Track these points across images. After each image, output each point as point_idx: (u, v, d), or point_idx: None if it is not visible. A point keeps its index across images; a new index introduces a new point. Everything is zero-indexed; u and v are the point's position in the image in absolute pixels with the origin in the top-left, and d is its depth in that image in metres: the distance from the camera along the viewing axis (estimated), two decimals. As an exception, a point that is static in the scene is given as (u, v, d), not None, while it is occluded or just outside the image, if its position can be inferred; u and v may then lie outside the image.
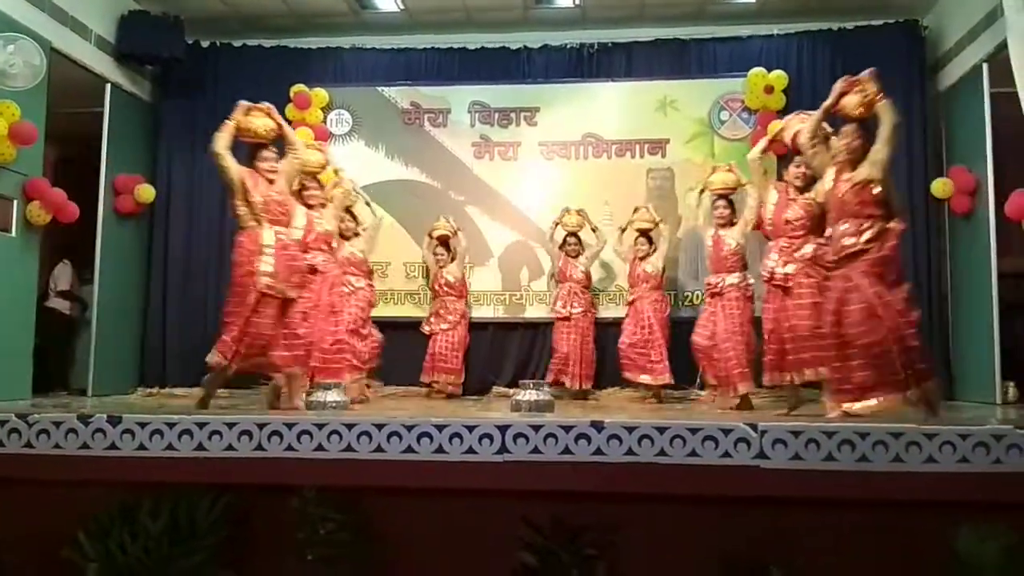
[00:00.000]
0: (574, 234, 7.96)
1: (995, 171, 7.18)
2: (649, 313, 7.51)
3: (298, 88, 8.63)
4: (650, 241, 7.71)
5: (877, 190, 4.99)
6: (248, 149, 5.59)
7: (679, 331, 7.80)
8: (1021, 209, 6.48)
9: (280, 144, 5.68)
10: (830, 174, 5.15)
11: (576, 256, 7.95)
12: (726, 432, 3.84)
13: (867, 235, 4.91)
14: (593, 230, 8.02)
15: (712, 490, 3.82)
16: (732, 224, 6.62)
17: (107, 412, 4.20)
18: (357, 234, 7.15)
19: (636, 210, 7.83)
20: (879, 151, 5.00)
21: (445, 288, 8.01)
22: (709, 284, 6.63)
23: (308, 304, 5.66)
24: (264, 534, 4.00)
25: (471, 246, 8.39)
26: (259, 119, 5.60)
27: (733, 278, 6.50)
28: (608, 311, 8.29)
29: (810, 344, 5.44)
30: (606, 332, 8.20)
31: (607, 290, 8.43)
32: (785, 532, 3.73)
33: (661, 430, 3.86)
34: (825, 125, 5.36)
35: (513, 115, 8.71)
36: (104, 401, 6.98)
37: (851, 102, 5.16)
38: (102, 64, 7.94)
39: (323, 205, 6.39)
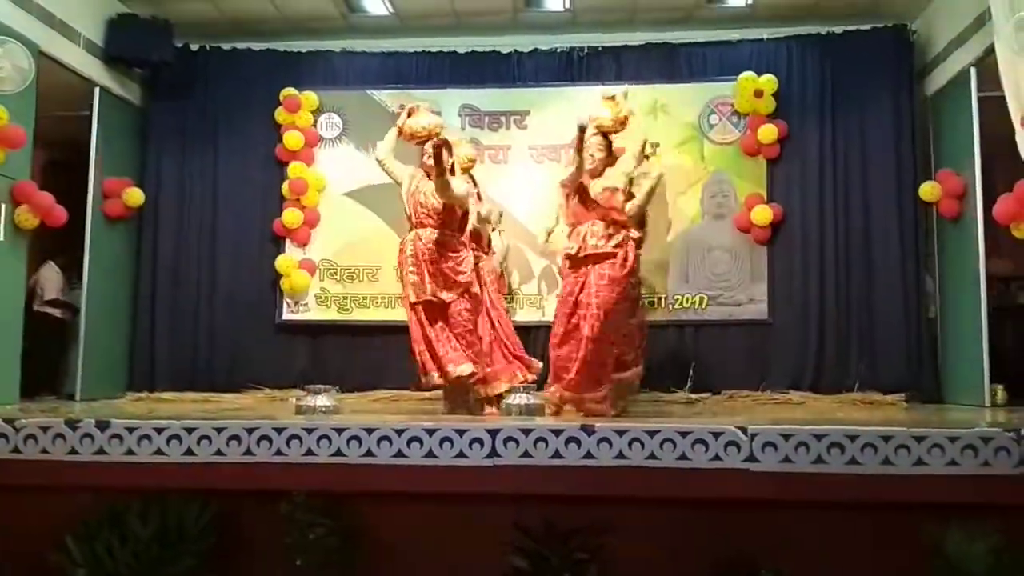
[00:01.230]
0: None
1: (983, 175, 7.22)
2: None
3: (288, 92, 8.61)
4: None
5: (621, 198, 5.48)
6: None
7: (668, 336, 7.86)
8: (1009, 212, 6.51)
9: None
10: (585, 178, 5.64)
11: None
12: (716, 435, 3.84)
13: (614, 240, 5.44)
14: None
15: (702, 493, 3.82)
16: None
17: (95, 417, 4.18)
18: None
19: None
20: (627, 161, 5.51)
21: None
22: None
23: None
24: (253, 539, 3.98)
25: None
26: (421, 118, 5.91)
27: None
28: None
29: None
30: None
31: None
32: (775, 535, 3.74)
33: (651, 433, 3.86)
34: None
35: (503, 119, 8.71)
36: (92, 406, 6.96)
37: (606, 119, 5.61)
38: (91, 67, 7.91)
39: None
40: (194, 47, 8.87)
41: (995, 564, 3.41)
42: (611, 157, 5.59)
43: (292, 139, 8.56)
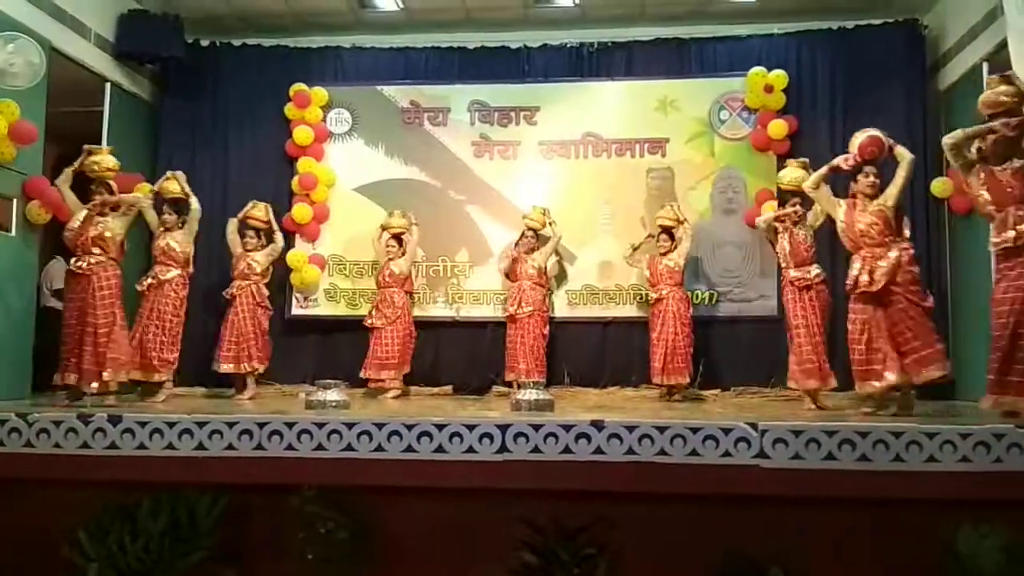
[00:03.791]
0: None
1: (995, 170, 7.17)
2: (673, 311, 7.51)
3: (298, 87, 8.62)
4: (671, 238, 7.73)
5: None
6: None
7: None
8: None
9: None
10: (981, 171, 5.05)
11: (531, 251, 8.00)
12: (726, 431, 3.84)
13: None
14: (550, 224, 8.04)
15: (712, 489, 3.82)
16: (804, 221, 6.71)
17: (107, 411, 4.20)
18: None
19: (663, 207, 7.89)
20: None
21: (387, 279, 7.94)
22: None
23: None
24: (264, 533, 4.00)
25: (471, 245, 8.47)
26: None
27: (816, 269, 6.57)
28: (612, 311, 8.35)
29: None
30: (605, 330, 8.30)
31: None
32: (785, 531, 3.73)
33: (661, 429, 3.86)
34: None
35: (513, 114, 8.70)
36: (104, 400, 6.97)
37: (997, 97, 5.04)
38: (101, 63, 7.92)
39: (113, 209, 6.37)
40: (204, 43, 8.88)
41: (1006, 561, 3.40)
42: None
43: (302, 134, 8.57)
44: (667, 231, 7.76)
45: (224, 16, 8.72)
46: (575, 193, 8.42)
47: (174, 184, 7.22)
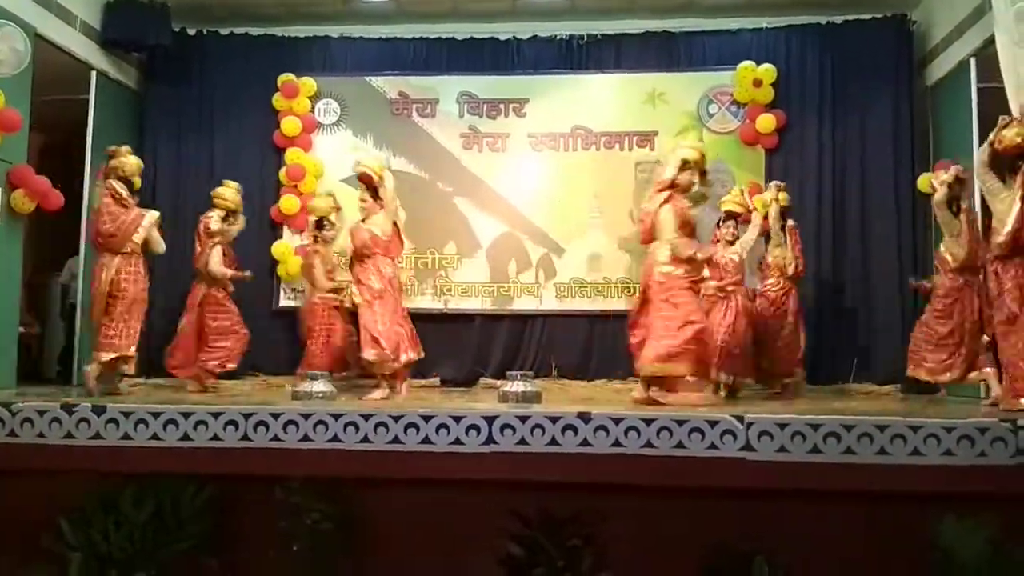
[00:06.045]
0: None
1: (982, 166, 7.20)
2: (745, 306, 6.92)
3: (286, 77, 8.58)
4: (736, 224, 7.04)
5: None
6: None
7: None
8: (1006, 204, 6.48)
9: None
10: None
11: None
12: (712, 424, 3.85)
13: None
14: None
15: (698, 482, 3.83)
16: None
17: (91, 401, 4.17)
18: None
19: (728, 190, 7.35)
20: None
21: (366, 246, 6.40)
22: None
23: None
24: (249, 524, 3.99)
25: (459, 238, 8.46)
26: None
27: None
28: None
29: None
30: (593, 324, 8.30)
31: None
32: (770, 524, 3.75)
33: (648, 421, 3.87)
34: None
35: (502, 106, 8.67)
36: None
37: None
38: (87, 51, 7.86)
39: None
40: (191, 31, 8.81)
41: (990, 554, 3.42)
42: None
43: (290, 125, 8.53)
44: (732, 216, 7.05)
45: (211, 4, 8.65)
46: (564, 186, 8.41)
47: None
